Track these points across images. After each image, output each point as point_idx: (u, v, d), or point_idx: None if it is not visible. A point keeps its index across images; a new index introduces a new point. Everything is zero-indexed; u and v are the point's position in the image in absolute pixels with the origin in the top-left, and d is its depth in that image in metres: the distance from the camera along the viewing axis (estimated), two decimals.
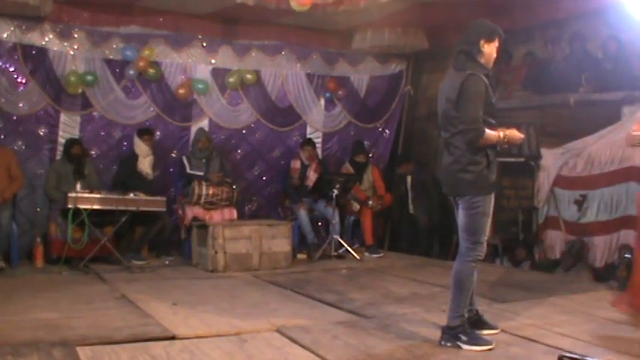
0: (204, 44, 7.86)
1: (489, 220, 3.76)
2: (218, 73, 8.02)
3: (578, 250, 6.59)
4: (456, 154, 3.74)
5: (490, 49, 3.78)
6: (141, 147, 7.17)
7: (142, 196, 6.52)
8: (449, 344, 3.70)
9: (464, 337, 3.67)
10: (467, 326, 3.74)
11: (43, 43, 7.07)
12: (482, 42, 3.74)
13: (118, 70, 7.47)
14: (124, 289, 5.30)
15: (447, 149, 3.84)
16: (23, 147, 7.09)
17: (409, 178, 8.30)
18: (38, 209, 7.09)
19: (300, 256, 7.28)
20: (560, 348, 3.64)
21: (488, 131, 3.65)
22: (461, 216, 3.78)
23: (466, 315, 3.78)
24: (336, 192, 7.30)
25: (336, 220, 7.42)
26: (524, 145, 7.42)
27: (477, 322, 3.97)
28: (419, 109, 9.43)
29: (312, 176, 7.87)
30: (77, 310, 4.55)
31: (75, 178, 6.67)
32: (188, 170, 7.26)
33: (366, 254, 7.56)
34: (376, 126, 9.03)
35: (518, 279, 6.07)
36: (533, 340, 3.82)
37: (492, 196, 3.76)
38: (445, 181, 3.93)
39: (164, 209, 6.71)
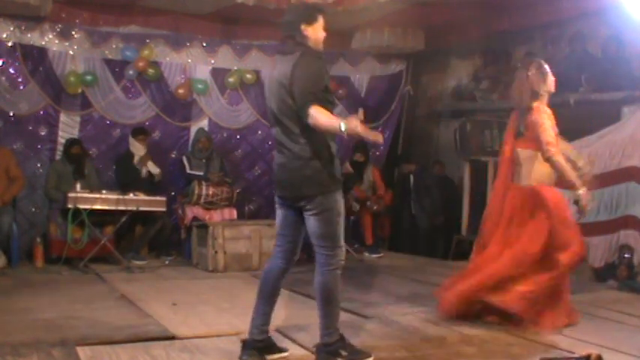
0: (204, 44, 7.86)
1: (342, 214, 3.38)
2: (218, 73, 8.01)
3: None
4: (295, 149, 3.30)
5: (315, 32, 3.39)
6: (136, 146, 7.16)
7: (142, 196, 6.53)
8: None
9: (344, 352, 3.34)
10: (343, 343, 3.37)
11: (43, 43, 7.07)
12: (303, 26, 3.35)
13: (117, 70, 7.48)
14: (124, 289, 5.30)
15: (282, 146, 3.40)
16: (23, 147, 7.09)
17: (412, 178, 8.31)
18: (37, 209, 7.08)
19: (300, 256, 7.26)
20: (560, 348, 3.65)
21: (321, 110, 3.19)
22: (311, 222, 3.33)
23: (340, 330, 3.40)
24: None
25: None
26: None
27: (268, 347, 3.50)
28: (419, 109, 9.43)
29: None
30: (77, 310, 4.55)
31: (75, 178, 6.67)
32: (188, 170, 7.25)
33: (366, 254, 7.55)
34: (376, 126, 9.02)
35: None
36: (534, 341, 3.82)
37: (340, 193, 3.38)
38: (284, 184, 3.45)
39: (164, 209, 6.72)
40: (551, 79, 4.42)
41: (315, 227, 3.34)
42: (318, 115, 3.17)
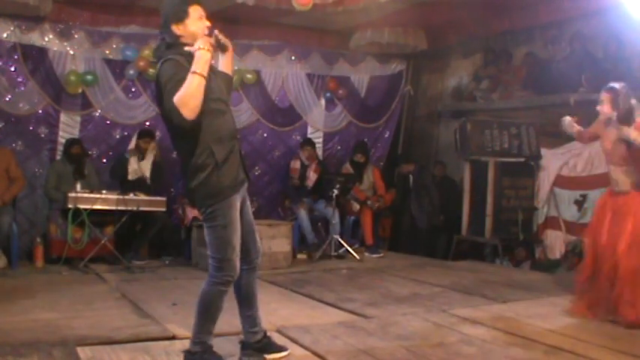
0: None
1: (236, 232, 3.20)
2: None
3: (581, 250, 6.61)
4: (183, 160, 3.22)
5: (188, 28, 3.15)
6: (136, 146, 7.13)
7: (142, 196, 6.53)
8: None
9: None
10: (209, 355, 3.26)
11: (43, 43, 7.07)
12: (173, 27, 3.14)
13: (118, 70, 7.48)
14: (124, 289, 5.30)
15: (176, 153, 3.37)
16: (23, 147, 7.09)
17: (411, 178, 8.32)
18: (37, 209, 7.08)
19: (300, 256, 7.28)
20: (560, 348, 3.64)
21: (179, 93, 2.90)
22: (205, 232, 3.25)
23: (209, 342, 3.27)
24: (336, 192, 7.30)
25: (336, 220, 7.42)
26: (524, 145, 7.43)
27: (266, 346, 3.51)
28: (419, 109, 9.44)
29: (312, 176, 7.88)
30: (77, 310, 4.55)
31: (75, 178, 6.67)
32: None
33: (366, 254, 7.55)
34: (376, 126, 9.04)
35: (518, 279, 6.07)
36: (534, 340, 3.82)
37: (232, 201, 3.17)
38: (185, 191, 3.44)
39: (164, 209, 6.72)
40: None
41: (205, 236, 3.24)
42: (181, 93, 2.89)
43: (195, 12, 3.19)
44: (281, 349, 3.56)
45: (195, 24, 3.18)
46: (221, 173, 3.14)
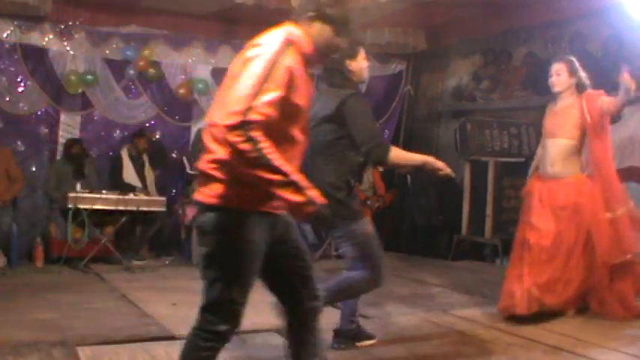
0: (204, 44, 7.87)
1: (374, 235, 3.49)
2: (218, 73, 7.99)
3: None
4: (322, 171, 3.36)
5: (357, 65, 3.59)
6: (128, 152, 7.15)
7: (142, 196, 6.54)
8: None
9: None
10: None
11: (43, 43, 7.07)
12: (347, 62, 3.55)
13: (118, 70, 7.48)
14: (124, 289, 5.31)
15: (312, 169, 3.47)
16: (23, 147, 7.09)
17: (409, 178, 8.33)
18: (37, 209, 7.08)
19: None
20: (560, 348, 3.64)
21: (398, 150, 3.51)
22: (346, 247, 3.50)
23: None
24: None
25: None
26: (524, 145, 7.44)
27: (357, 334, 3.80)
28: (419, 109, 9.43)
29: None
30: (77, 310, 4.55)
31: (75, 178, 6.67)
32: (188, 170, 7.26)
33: None
34: None
35: None
36: (533, 340, 3.82)
37: (364, 219, 3.49)
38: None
39: (164, 209, 6.72)
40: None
41: (350, 251, 3.51)
42: (399, 159, 3.54)
43: (362, 52, 3.63)
44: (370, 336, 3.78)
45: (363, 62, 3.62)
46: (351, 197, 3.46)
